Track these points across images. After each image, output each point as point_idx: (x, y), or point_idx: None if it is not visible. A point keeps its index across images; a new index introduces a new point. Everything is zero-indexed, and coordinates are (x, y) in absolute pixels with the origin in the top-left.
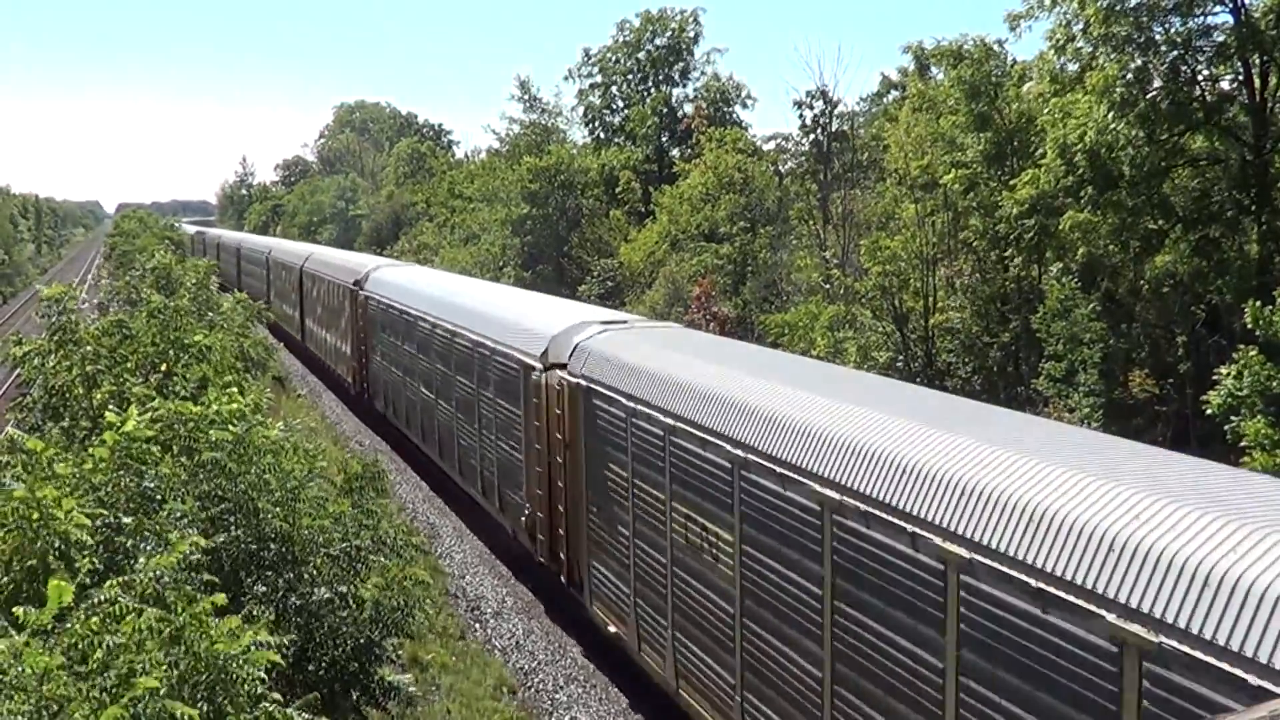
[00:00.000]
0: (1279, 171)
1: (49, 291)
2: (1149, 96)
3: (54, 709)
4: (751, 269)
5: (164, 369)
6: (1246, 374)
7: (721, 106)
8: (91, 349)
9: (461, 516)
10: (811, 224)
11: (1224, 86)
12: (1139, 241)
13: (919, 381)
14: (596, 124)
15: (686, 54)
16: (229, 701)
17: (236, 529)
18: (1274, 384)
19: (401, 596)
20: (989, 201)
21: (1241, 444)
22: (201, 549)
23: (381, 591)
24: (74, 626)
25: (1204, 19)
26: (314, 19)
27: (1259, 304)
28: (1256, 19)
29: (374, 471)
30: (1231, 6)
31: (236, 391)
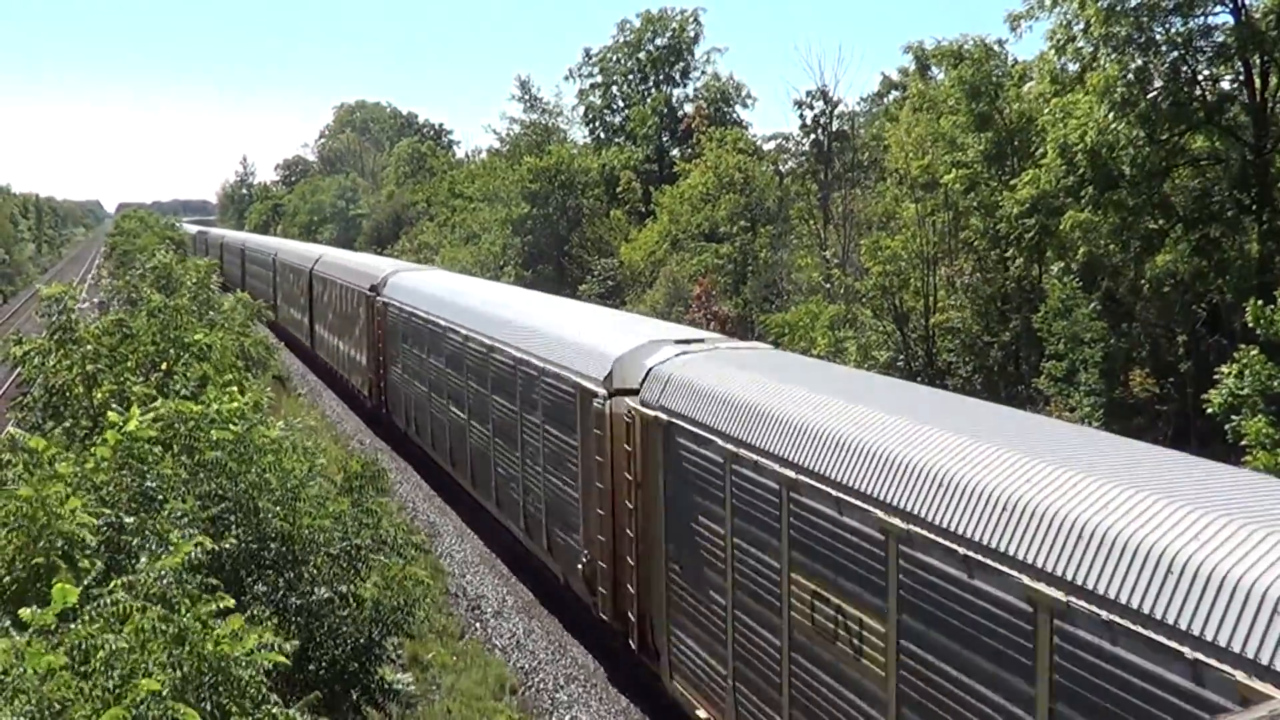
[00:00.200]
0: (1279, 171)
1: (49, 291)
2: (1149, 96)
3: (55, 709)
4: (752, 269)
5: (164, 368)
6: (1248, 373)
7: (721, 106)
8: (92, 348)
9: (462, 516)
10: (812, 224)
11: (1224, 86)
12: (1140, 241)
13: (920, 381)
14: (597, 124)
15: (687, 54)
16: (232, 703)
17: (237, 528)
18: (1275, 383)
19: (401, 596)
20: (989, 201)
21: (1242, 443)
22: (207, 550)
23: (381, 591)
24: (77, 627)
25: (1204, 19)
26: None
27: (1260, 303)
28: (1257, 19)
29: (374, 470)
30: (1232, 6)
31: (236, 390)
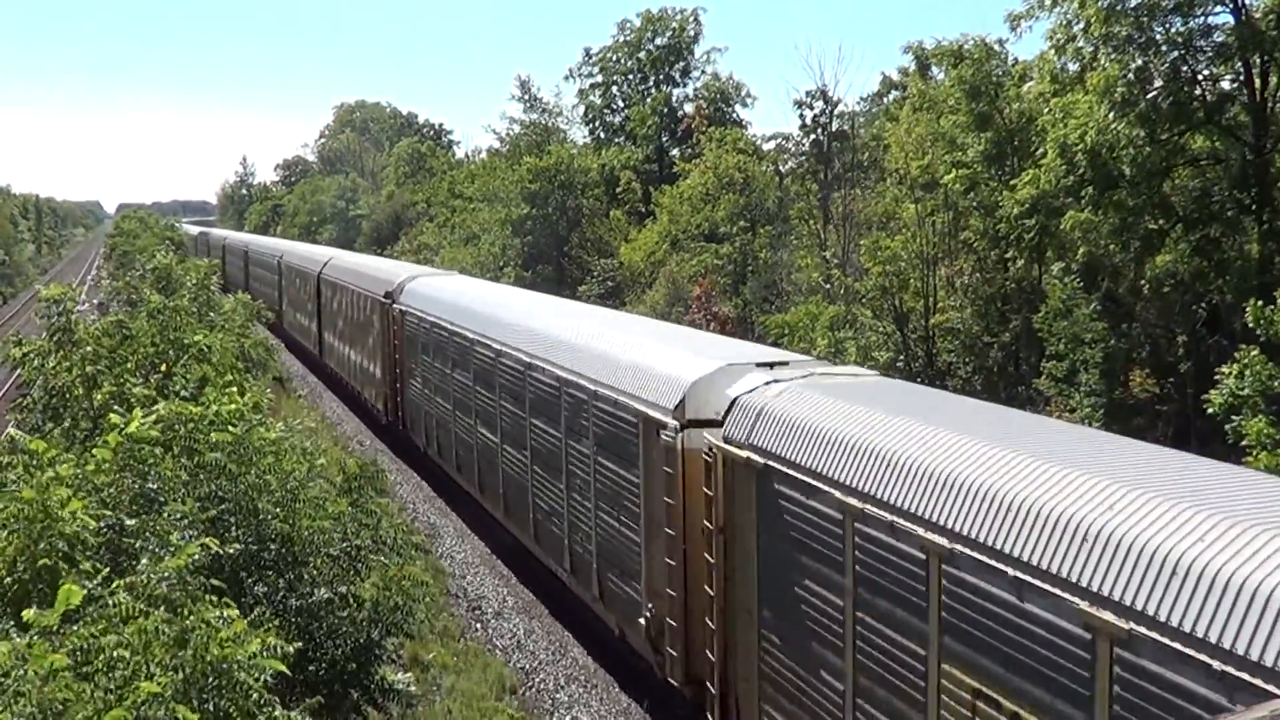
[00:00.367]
0: (1279, 171)
1: (49, 292)
2: (1150, 96)
3: (56, 711)
4: (752, 269)
5: (164, 369)
6: (1248, 373)
7: (721, 106)
8: (91, 350)
9: (462, 516)
10: (812, 224)
11: (1224, 86)
12: (1140, 241)
13: (920, 381)
14: (597, 124)
15: (686, 53)
16: (233, 706)
17: (237, 529)
18: (1275, 383)
19: (401, 596)
20: (989, 201)
21: (1243, 444)
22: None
23: (381, 591)
24: (80, 628)
25: (1204, 19)
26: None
27: (1260, 303)
28: (1257, 19)
29: (373, 471)
30: (1232, 6)
31: (236, 392)
